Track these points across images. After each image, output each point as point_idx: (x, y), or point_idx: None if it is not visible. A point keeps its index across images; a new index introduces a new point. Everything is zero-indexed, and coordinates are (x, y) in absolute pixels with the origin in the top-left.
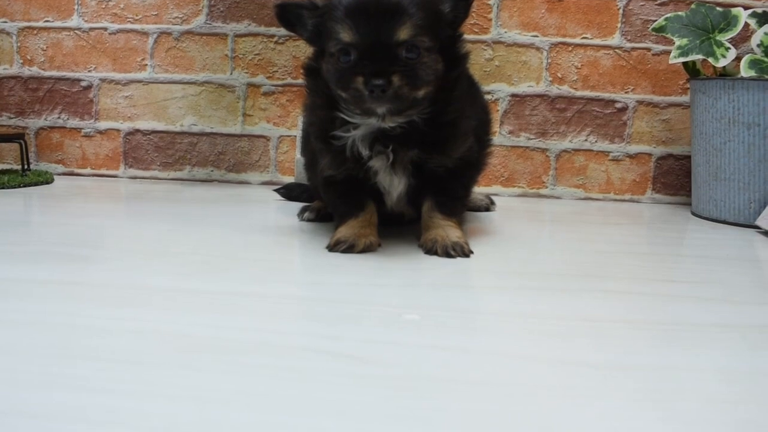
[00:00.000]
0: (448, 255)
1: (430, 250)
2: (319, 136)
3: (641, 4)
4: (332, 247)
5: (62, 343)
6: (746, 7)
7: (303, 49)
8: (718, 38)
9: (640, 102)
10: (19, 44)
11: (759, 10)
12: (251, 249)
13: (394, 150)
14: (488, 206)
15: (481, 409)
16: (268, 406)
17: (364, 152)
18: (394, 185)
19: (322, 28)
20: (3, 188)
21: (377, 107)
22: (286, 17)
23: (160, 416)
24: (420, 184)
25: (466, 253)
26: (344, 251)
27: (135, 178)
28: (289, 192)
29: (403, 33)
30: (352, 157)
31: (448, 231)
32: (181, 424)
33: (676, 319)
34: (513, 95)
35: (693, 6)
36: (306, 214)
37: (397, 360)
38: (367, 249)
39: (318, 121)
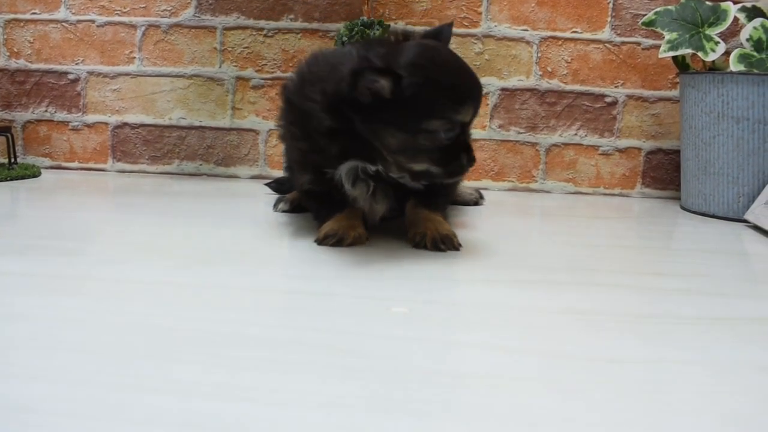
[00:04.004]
0: (437, 248)
1: (419, 244)
2: (300, 164)
3: None
4: (321, 241)
5: (46, 336)
6: (735, 2)
7: (292, 43)
8: (707, 32)
9: (629, 96)
10: (5, 37)
11: (748, 5)
12: (239, 242)
13: (375, 180)
14: (477, 200)
15: (469, 401)
16: (253, 399)
17: (347, 185)
18: (376, 210)
19: (414, 103)
20: None
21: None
22: (357, 83)
23: (143, 408)
24: (402, 203)
25: (455, 246)
26: (333, 245)
27: (123, 171)
28: (279, 186)
29: None
30: (334, 184)
31: (437, 225)
32: (165, 417)
33: (665, 312)
34: (503, 89)
35: (682, 0)
36: (280, 205)
37: (384, 352)
38: (355, 242)
39: (301, 154)
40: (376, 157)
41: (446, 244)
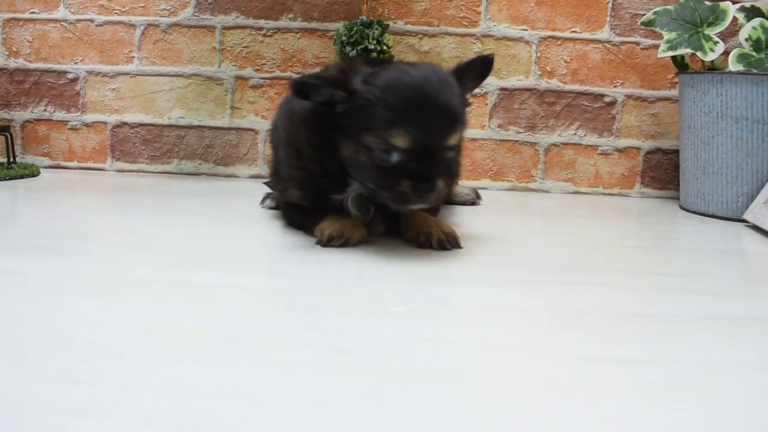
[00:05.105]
0: (443, 248)
1: (424, 244)
2: (301, 184)
3: None
4: (326, 243)
5: (45, 335)
6: (734, 2)
7: (291, 42)
8: (706, 32)
9: (628, 96)
10: (4, 36)
11: (747, 5)
12: (238, 242)
13: (375, 204)
14: (474, 200)
15: (468, 400)
16: (252, 398)
17: (353, 210)
18: (372, 232)
19: (358, 115)
20: None
21: (417, 206)
22: (305, 91)
23: (141, 407)
24: (397, 224)
25: (459, 244)
26: (341, 246)
27: (122, 171)
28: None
29: (454, 139)
30: (330, 203)
31: (439, 224)
32: (163, 416)
33: (664, 312)
34: (502, 89)
35: (681, 0)
36: (267, 202)
37: (384, 352)
38: (360, 241)
39: (305, 179)
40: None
41: (451, 243)
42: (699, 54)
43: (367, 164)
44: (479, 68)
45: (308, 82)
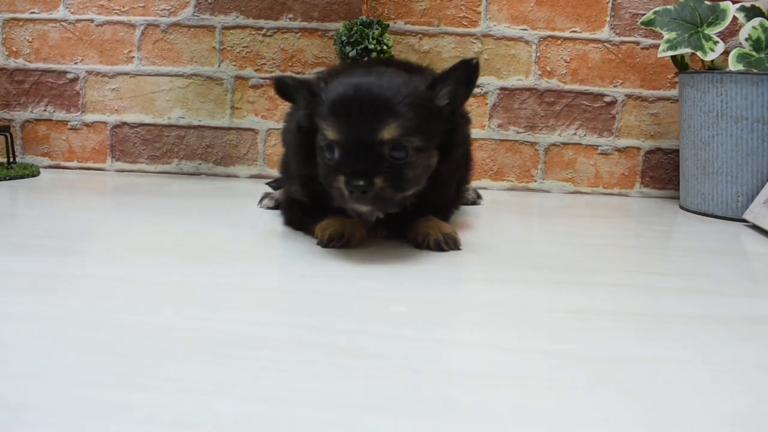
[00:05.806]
0: (440, 249)
1: (421, 245)
2: (303, 183)
3: None
4: (326, 244)
5: (45, 335)
6: (734, 1)
7: (291, 42)
8: (706, 32)
9: (628, 96)
10: (4, 36)
11: (747, 4)
12: (238, 242)
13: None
14: (475, 200)
15: (467, 400)
16: (251, 397)
17: (354, 216)
18: (375, 233)
19: (314, 115)
20: None
21: (359, 207)
22: (283, 91)
23: (141, 407)
24: (400, 228)
25: (458, 245)
26: (341, 247)
27: (122, 171)
28: (280, 185)
29: (388, 133)
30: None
31: (439, 225)
32: (163, 415)
33: (664, 311)
34: (502, 89)
35: (681, 0)
36: (265, 201)
37: (383, 352)
38: (360, 242)
39: (306, 180)
40: None
41: (449, 244)
42: (699, 54)
43: (321, 163)
44: (461, 74)
45: (283, 81)
